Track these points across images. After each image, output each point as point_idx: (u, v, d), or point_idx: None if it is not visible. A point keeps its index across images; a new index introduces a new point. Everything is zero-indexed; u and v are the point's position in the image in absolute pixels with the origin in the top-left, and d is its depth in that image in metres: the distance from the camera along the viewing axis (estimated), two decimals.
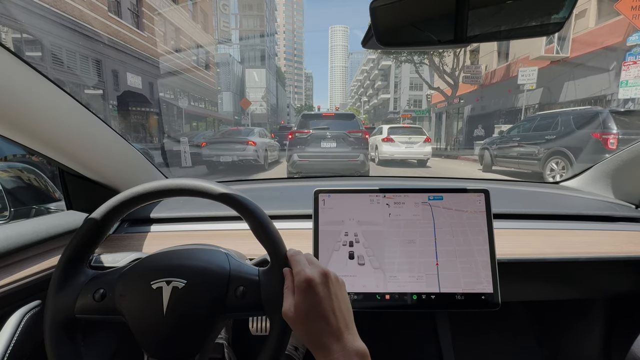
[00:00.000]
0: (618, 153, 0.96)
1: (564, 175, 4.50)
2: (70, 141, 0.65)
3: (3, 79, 0.49)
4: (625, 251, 0.74)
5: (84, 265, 0.48)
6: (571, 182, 1.19)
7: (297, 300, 0.40)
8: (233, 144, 8.16)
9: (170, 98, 20.32)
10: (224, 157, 7.90)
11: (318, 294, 0.40)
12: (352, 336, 0.39)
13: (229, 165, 8.10)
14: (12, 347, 0.53)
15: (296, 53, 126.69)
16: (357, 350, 0.38)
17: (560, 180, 1.24)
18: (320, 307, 0.39)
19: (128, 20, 15.39)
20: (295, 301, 0.41)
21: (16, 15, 10.18)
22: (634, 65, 7.08)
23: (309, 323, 0.39)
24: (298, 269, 0.42)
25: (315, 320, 0.39)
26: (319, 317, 0.39)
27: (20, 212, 1.03)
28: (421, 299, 0.62)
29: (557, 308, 1.06)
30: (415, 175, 2.47)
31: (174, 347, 0.45)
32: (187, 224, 0.85)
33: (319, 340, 0.38)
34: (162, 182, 0.48)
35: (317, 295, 0.40)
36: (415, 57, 17.94)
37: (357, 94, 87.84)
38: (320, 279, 0.41)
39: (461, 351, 0.86)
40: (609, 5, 8.78)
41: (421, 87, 34.15)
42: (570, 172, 1.04)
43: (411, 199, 0.65)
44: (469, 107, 18.97)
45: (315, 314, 0.39)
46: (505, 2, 0.49)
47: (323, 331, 0.39)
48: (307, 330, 0.39)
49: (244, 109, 22.70)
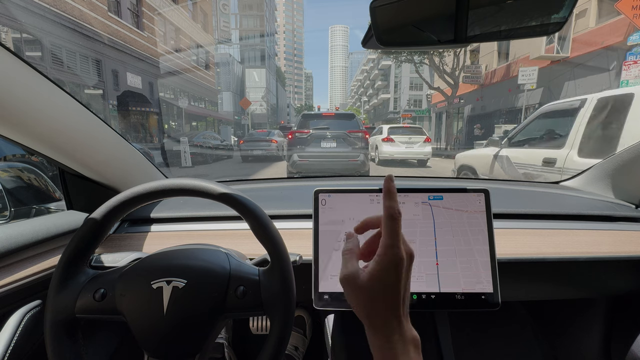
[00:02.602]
0: (618, 153, 0.96)
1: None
2: (71, 141, 0.65)
3: (3, 79, 0.49)
4: (626, 251, 0.74)
5: (84, 265, 0.48)
6: (571, 182, 1.19)
7: (375, 269, 0.37)
8: (261, 142, 11.42)
9: (170, 98, 20.33)
10: (255, 152, 11.18)
11: (401, 272, 0.37)
12: (409, 324, 0.38)
13: (259, 157, 11.19)
14: (13, 346, 0.53)
15: (296, 53, 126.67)
16: (413, 337, 0.37)
17: (560, 180, 1.24)
18: (397, 286, 0.37)
19: (128, 20, 15.39)
20: (372, 269, 0.37)
21: (16, 15, 10.19)
22: (635, 65, 7.08)
23: (379, 297, 0.36)
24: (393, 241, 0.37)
25: (388, 295, 0.36)
26: (393, 294, 0.36)
27: (20, 212, 1.03)
28: (421, 298, 0.62)
29: (557, 308, 1.06)
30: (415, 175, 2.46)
31: (174, 347, 0.45)
32: (187, 223, 0.85)
33: (382, 317, 0.36)
34: (162, 182, 0.48)
35: (400, 273, 0.37)
36: (415, 57, 17.94)
37: (357, 93, 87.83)
38: (408, 259, 0.38)
39: (461, 351, 0.86)
40: (610, 4, 8.78)
41: (421, 87, 34.16)
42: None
43: (411, 199, 0.65)
44: (469, 107, 18.96)
45: (392, 290, 0.36)
46: (505, 2, 0.49)
47: (389, 309, 0.36)
48: (373, 304, 0.37)
49: (244, 109, 22.72)
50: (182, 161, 9.43)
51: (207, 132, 14.53)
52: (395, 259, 0.36)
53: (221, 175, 9.13)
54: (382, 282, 0.36)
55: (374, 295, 0.37)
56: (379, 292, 0.36)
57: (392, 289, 0.36)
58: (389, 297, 0.36)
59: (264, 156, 11.14)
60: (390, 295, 0.36)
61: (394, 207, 0.37)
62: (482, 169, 3.78)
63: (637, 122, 2.23)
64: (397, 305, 0.36)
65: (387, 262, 0.36)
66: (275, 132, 12.62)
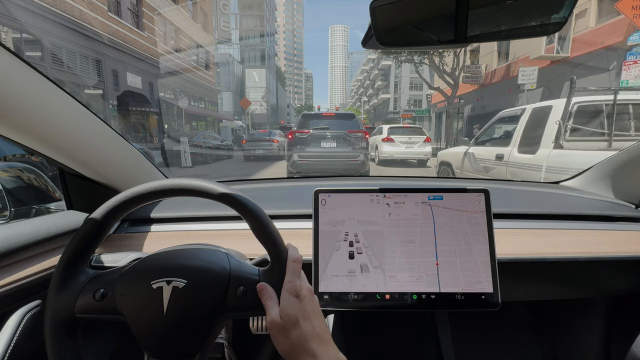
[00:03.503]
0: (618, 153, 0.96)
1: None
2: (71, 141, 0.65)
3: (3, 79, 0.49)
4: (626, 251, 0.74)
5: (84, 265, 0.48)
6: (571, 182, 1.19)
7: (285, 306, 0.43)
8: (263, 141, 11.82)
9: (170, 98, 20.32)
10: (257, 151, 11.61)
11: (305, 303, 0.43)
12: (334, 347, 0.42)
13: (260, 156, 11.61)
14: (13, 346, 0.53)
15: (296, 53, 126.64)
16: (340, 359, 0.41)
17: (560, 180, 1.24)
18: (307, 313, 0.42)
19: (128, 20, 15.38)
20: (282, 307, 0.43)
21: (16, 15, 10.18)
22: (635, 65, 7.07)
23: (297, 328, 0.41)
24: (291, 278, 0.45)
25: (304, 323, 0.41)
26: (307, 321, 0.42)
27: (20, 212, 1.03)
28: (421, 298, 0.62)
29: (557, 308, 1.06)
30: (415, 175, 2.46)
31: (174, 347, 0.45)
32: (187, 223, 0.85)
33: (305, 345, 0.40)
34: (162, 182, 0.48)
35: (305, 304, 0.43)
36: (415, 57, 17.92)
37: (357, 93, 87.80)
38: (307, 292, 0.45)
39: (461, 351, 0.86)
40: (610, 4, 8.77)
41: (421, 87, 34.14)
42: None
43: (411, 199, 0.65)
44: (469, 107, 18.96)
45: (304, 318, 0.42)
46: (505, 2, 0.49)
47: (310, 335, 0.41)
48: (295, 336, 0.41)
49: (244, 109, 22.73)
50: (182, 161, 9.44)
51: (207, 132, 14.57)
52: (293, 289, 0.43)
53: (223, 174, 9.16)
54: (292, 312, 0.42)
55: (292, 326, 0.42)
56: (294, 323, 0.42)
57: (302, 314, 0.42)
58: (305, 322, 0.42)
59: (266, 156, 11.57)
60: (305, 321, 0.42)
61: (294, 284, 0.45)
62: (456, 163, 4.49)
63: (552, 126, 2.91)
64: (313, 327, 0.42)
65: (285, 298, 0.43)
66: (277, 132, 12.99)
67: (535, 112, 3.24)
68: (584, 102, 2.94)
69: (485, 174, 3.76)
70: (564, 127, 2.82)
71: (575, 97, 2.90)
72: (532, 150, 3.07)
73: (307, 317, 0.42)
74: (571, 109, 2.87)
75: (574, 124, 2.85)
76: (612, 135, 2.82)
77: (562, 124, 2.81)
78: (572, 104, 2.86)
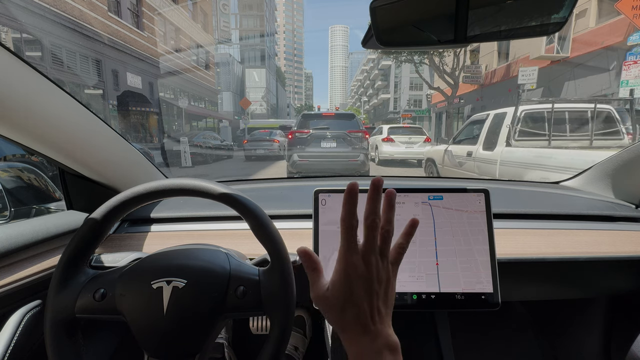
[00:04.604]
0: (618, 153, 0.96)
1: None
2: (71, 141, 0.65)
3: (3, 79, 0.49)
4: (626, 251, 0.74)
5: (84, 265, 0.48)
6: (571, 182, 1.19)
7: (334, 279, 0.37)
8: (264, 141, 11.81)
9: (170, 98, 20.32)
10: (258, 151, 11.61)
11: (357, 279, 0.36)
12: (385, 329, 0.36)
13: (261, 156, 11.58)
14: (13, 346, 0.53)
15: (296, 53, 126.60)
16: (388, 343, 0.35)
17: (560, 180, 1.24)
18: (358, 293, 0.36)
19: (128, 20, 15.38)
20: (332, 280, 0.37)
21: (16, 15, 10.18)
22: (635, 65, 7.06)
23: (344, 306, 0.36)
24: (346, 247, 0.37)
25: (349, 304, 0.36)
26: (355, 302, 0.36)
27: (20, 212, 1.03)
28: (421, 298, 0.62)
29: (557, 308, 1.06)
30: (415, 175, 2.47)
31: (174, 347, 0.45)
32: (187, 223, 0.85)
33: (351, 326, 0.36)
34: (163, 182, 0.48)
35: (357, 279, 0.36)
36: (415, 57, 17.93)
37: (357, 93, 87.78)
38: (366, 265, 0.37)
39: (461, 351, 0.86)
40: (610, 4, 8.77)
41: (421, 87, 34.12)
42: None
43: (411, 199, 0.65)
44: (469, 107, 18.95)
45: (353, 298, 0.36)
46: (505, 2, 0.49)
47: (356, 317, 0.36)
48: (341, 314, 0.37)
49: (244, 109, 22.70)
50: (182, 161, 9.44)
51: (207, 132, 14.55)
52: (346, 267, 0.36)
53: (223, 174, 9.16)
54: (342, 291, 0.36)
55: (339, 305, 0.37)
56: (342, 302, 0.36)
57: (352, 296, 0.36)
58: (350, 305, 0.36)
59: (266, 156, 11.61)
60: (352, 304, 0.36)
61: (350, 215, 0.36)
62: (438, 160, 5.12)
63: (505, 129, 3.63)
64: (363, 313, 0.36)
65: (342, 270, 0.37)
66: (277, 132, 12.89)
67: (496, 116, 3.94)
68: (529, 110, 3.65)
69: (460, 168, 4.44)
70: (512, 130, 3.54)
71: (522, 105, 3.63)
72: (492, 148, 3.78)
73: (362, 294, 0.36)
74: (519, 115, 3.57)
75: (521, 127, 3.60)
76: (550, 136, 3.52)
77: (512, 127, 3.54)
78: (520, 111, 3.57)
